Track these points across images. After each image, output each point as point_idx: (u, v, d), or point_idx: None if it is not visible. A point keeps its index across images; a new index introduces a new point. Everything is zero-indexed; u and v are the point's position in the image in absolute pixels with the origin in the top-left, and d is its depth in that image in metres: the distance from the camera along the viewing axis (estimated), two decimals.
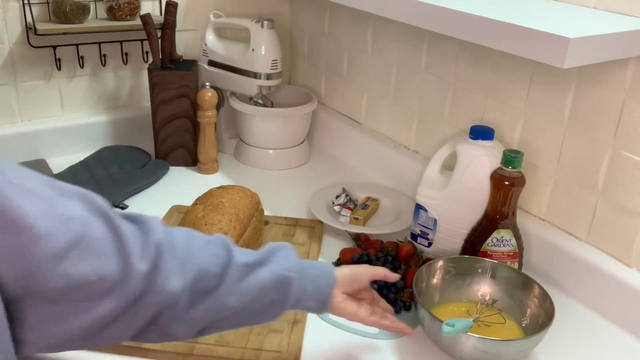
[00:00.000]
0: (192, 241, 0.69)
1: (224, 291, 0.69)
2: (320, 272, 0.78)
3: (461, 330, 0.81)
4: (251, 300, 0.71)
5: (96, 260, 0.59)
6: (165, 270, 0.64)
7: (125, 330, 0.64)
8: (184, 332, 0.68)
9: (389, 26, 1.34)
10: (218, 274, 0.69)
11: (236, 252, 0.71)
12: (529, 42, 0.77)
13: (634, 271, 0.96)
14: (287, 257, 0.75)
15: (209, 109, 1.37)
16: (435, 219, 1.10)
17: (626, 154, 0.94)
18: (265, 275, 0.72)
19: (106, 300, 0.60)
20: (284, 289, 0.73)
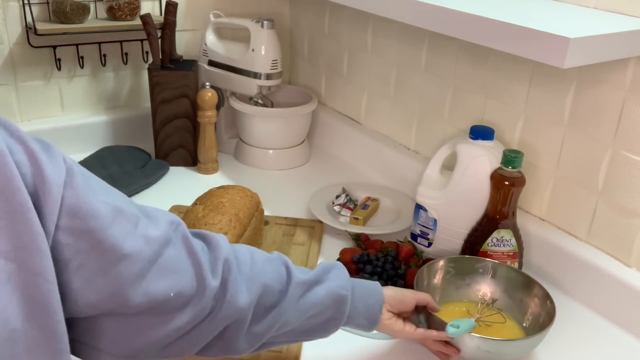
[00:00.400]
0: (255, 258, 0.71)
1: (285, 307, 0.72)
2: (369, 290, 0.81)
3: (466, 331, 0.81)
4: (309, 317, 0.75)
5: (174, 277, 0.61)
6: (233, 285, 0.66)
7: (196, 342, 0.66)
8: (246, 346, 0.71)
9: (389, 26, 1.34)
10: (280, 290, 0.71)
11: (295, 270, 0.74)
12: (529, 42, 0.77)
13: (634, 271, 0.96)
14: (340, 275, 0.78)
15: (209, 109, 1.37)
16: (435, 219, 1.10)
17: (626, 154, 0.94)
18: (322, 293, 0.75)
19: (182, 314, 0.62)
20: (339, 307, 0.77)
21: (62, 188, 0.53)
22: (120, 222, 0.57)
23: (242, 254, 0.70)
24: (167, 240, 0.62)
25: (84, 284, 0.55)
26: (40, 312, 0.50)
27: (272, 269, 0.72)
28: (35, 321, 0.50)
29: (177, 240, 0.63)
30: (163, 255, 0.61)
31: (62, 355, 0.53)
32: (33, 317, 0.50)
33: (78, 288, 0.55)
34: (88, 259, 0.55)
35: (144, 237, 0.59)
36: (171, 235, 0.63)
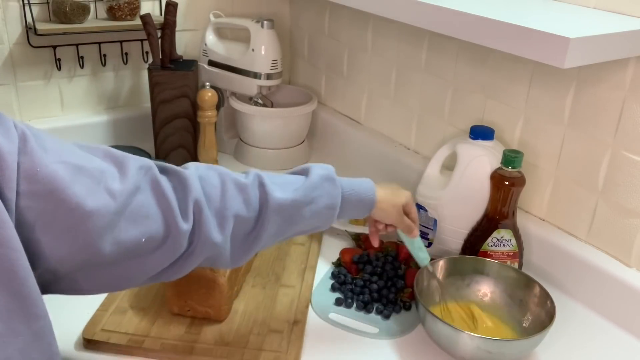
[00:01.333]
0: (226, 188, 0.72)
1: (266, 231, 0.74)
2: (361, 195, 0.84)
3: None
4: (292, 231, 0.78)
5: (144, 223, 0.63)
6: (205, 225, 0.68)
7: (178, 272, 0.70)
8: (235, 264, 0.75)
9: (389, 26, 1.34)
10: (255, 218, 0.73)
11: (272, 192, 0.74)
12: (529, 42, 0.77)
13: (634, 271, 0.96)
14: (329, 191, 0.79)
15: (209, 109, 1.37)
16: (435, 219, 1.10)
17: (626, 154, 0.94)
18: (306, 214, 0.77)
19: (157, 255, 0.66)
20: (326, 220, 0.80)
21: (17, 155, 0.54)
22: (80, 179, 0.58)
23: (213, 187, 0.71)
24: (135, 188, 0.63)
25: (54, 240, 0.57)
26: (10, 280, 0.52)
27: (243, 197, 0.72)
28: (6, 289, 0.51)
29: (146, 186, 0.65)
30: (131, 204, 0.62)
31: (40, 319, 0.55)
32: (3, 285, 0.51)
33: (48, 245, 0.57)
34: (54, 219, 0.56)
35: (108, 191, 0.60)
36: (140, 182, 0.64)
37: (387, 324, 0.95)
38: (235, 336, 0.89)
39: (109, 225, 0.60)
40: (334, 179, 0.81)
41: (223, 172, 0.74)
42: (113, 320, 0.90)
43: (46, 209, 0.55)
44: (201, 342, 0.87)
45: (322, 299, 0.99)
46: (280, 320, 0.92)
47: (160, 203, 0.65)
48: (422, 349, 0.89)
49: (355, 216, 0.86)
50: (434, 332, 0.87)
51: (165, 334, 0.88)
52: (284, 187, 0.76)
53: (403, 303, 0.98)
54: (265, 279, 1.03)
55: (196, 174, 0.71)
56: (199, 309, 0.91)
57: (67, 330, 0.89)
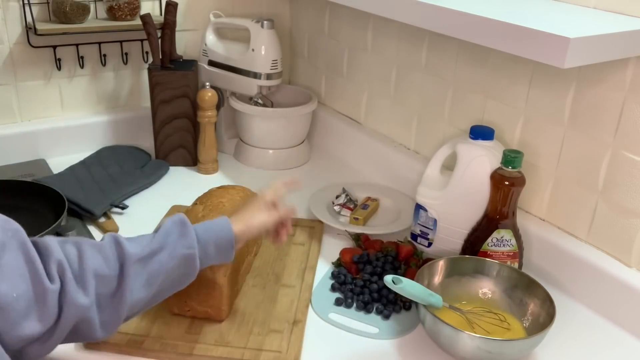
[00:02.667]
0: (83, 250, 0.72)
1: (130, 288, 0.73)
2: (217, 233, 0.81)
3: (406, 291, 0.84)
4: (159, 284, 0.76)
5: (13, 280, 0.63)
6: (69, 285, 0.68)
7: (49, 346, 0.69)
8: (106, 333, 0.73)
9: (389, 26, 1.34)
10: (116, 275, 0.73)
11: (129, 248, 0.74)
12: (529, 42, 0.77)
13: (634, 271, 0.96)
14: (184, 233, 0.78)
15: (209, 109, 1.37)
16: (435, 219, 1.10)
17: (626, 153, 0.94)
18: (166, 260, 0.76)
19: (30, 321, 0.64)
20: (189, 265, 0.78)
21: None
22: None
23: (70, 249, 0.71)
24: (2, 244, 0.63)
25: None
26: None
27: (101, 256, 0.72)
28: None
29: (13, 246, 0.65)
30: (1, 259, 0.63)
31: None
32: None
33: None
34: None
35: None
36: (6, 241, 0.64)
37: (387, 324, 0.95)
38: (235, 336, 0.89)
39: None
40: (185, 221, 0.80)
41: (78, 239, 0.75)
42: None
43: None
44: (201, 342, 0.87)
45: (322, 299, 0.99)
46: (280, 320, 0.92)
47: (27, 263, 0.65)
48: (422, 349, 0.89)
49: (223, 258, 0.83)
50: (434, 332, 0.87)
51: (165, 334, 0.88)
52: (138, 241, 0.76)
53: (403, 303, 0.98)
54: (265, 279, 1.03)
55: (54, 240, 0.71)
56: (199, 309, 0.91)
57: None
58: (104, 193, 1.24)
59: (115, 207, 1.22)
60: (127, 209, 1.23)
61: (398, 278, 0.85)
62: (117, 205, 1.22)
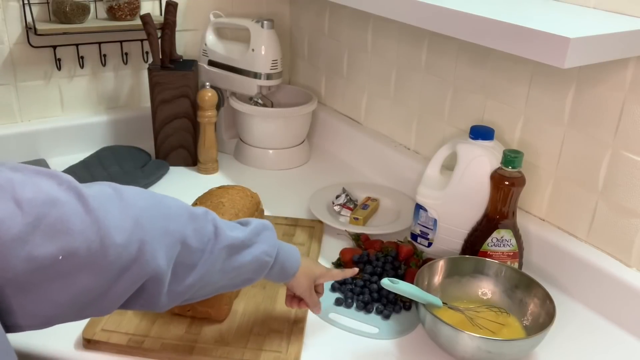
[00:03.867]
0: (178, 213, 0.69)
1: (207, 267, 0.72)
2: (289, 256, 0.83)
3: (403, 290, 0.85)
4: (230, 278, 0.76)
5: (63, 238, 0.58)
6: (149, 244, 0.64)
7: (114, 300, 0.65)
8: (169, 302, 0.71)
9: (389, 26, 1.34)
10: (202, 250, 0.71)
11: (224, 229, 0.73)
12: (529, 42, 0.77)
13: (634, 271, 0.96)
14: (269, 238, 0.79)
15: (209, 109, 1.37)
16: (435, 219, 1.10)
17: (626, 154, 0.94)
18: (248, 258, 0.76)
19: (82, 275, 0.60)
20: (260, 271, 0.79)
21: None
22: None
23: (164, 207, 0.68)
24: (51, 200, 0.58)
25: None
26: None
27: (194, 226, 0.70)
28: None
29: (70, 198, 0.59)
30: (47, 217, 0.57)
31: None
32: None
33: None
34: None
35: (16, 201, 0.56)
36: (59, 195, 0.59)
37: (387, 324, 0.95)
38: (235, 336, 0.89)
39: (20, 238, 0.55)
40: (273, 229, 0.81)
41: (175, 198, 0.72)
42: (113, 320, 0.90)
43: None
44: (201, 342, 0.87)
45: (322, 299, 0.99)
46: (280, 320, 0.92)
47: (89, 216, 0.60)
48: (422, 349, 0.89)
49: (277, 279, 0.84)
50: (434, 332, 0.87)
51: (165, 334, 0.88)
52: (232, 227, 0.76)
53: (403, 303, 0.98)
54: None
55: (142, 195, 0.68)
56: (199, 309, 0.91)
57: (67, 330, 0.88)
58: None
59: None
60: None
61: (394, 280, 0.86)
62: None
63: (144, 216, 0.65)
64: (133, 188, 0.68)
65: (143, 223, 0.64)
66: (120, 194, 0.65)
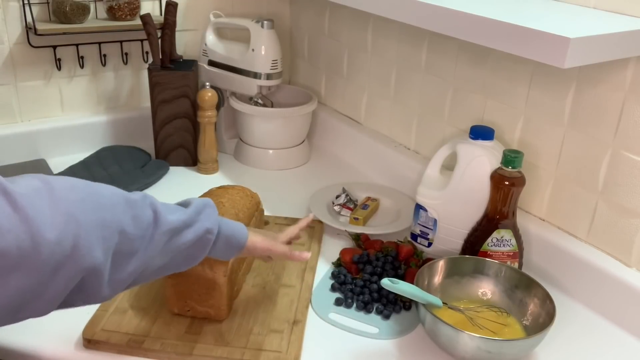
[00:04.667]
0: (114, 202, 0.67)
1: (148, 253, 0.70)
2: (234, 232, 0.83)
3: (403, 290, 0.85)
4: (172, 258, 0.75)
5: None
6: (84, 238, 0.61)
7: (51, 300, 0.63)
8: (111, 292, 0.69)
9: (389, 26, 1.35)
10: (140, 236, 0.69)
11: (164, 213, 0.72)
12: (529, 42, 0.77)
13: (634, 271, 0.96)
14: (210, 216, 0.78)
15: (209, 109, 1.37)
16: (435, 219, 1.10)
17: (626, 154, 0.94)
18: (189, 237, 0.75)
19: (15, 276, 0.57)
20: (202, 249, 0.78)
21: None
22: None
23: (98, 197, 0.65)
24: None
25: None
26: None
27: (132, 214, 0.68)
28: None
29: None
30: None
31: None
32: None
33: None
34: None
35: None
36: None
37: (387, 324, 0.95)
38: (235, 336, 0.89)
39: None
40: (214, 207, 0.80)
41: (111, 187, 0.69)
42: (113, 320, 0.90)
43: None
44: (201, 342, 0.87)
45: (322, 299, 0.99)
46: (280, 320, 0.92)
47: (18, 214, 0.57)
48: (422, 349, 0.89)
49: (224, 255, 0.84)
50: (434, 332, 0.87)
51: (165, 334, 0.88)
52: (172, 210, 0.75)
53: (403, 303, 0.98)
54: (265, 279, 1.03)
55: (73, 187, 0.65)
56: (199, 309, 0.91)
57: (67, 330, 0.89)
58: None
59: None
60: None
61: (394, 280, 0.86)
62: None
63: (78, 209, 0.62)
64: (65, 179, 0.65)
65: (76, 217, 0.61)
66: (50, 187, 0.62)
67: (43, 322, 0.90)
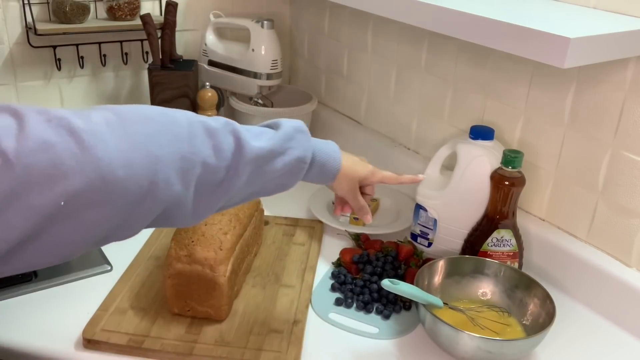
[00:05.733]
0: (193, 132, 0.63)
1: (233, 182, 0.67)
2: (327, 157, 0.79)
3: (403, 291, 0.84)
4: (261, 186, 0.72)
5: (60, 183, 0.53)
6: (161, 173, 0.59)
7: (134, 228, 0.61)
8: (195, 220, 0.68)
9: (389, 26, 1.34)
10: (225, 167, 0.66)
11: (248, 140, 0.68)
12: (529, 42, 0.77)
13: (634, 271, 0.96)
14: (302, 143, 0.74)
15: (209, 109, 1.37)
16: (435, 219, 1.10)
17: (626, 154, 0.94)
18: (279, 166, 0.72)
19: (92, 212, 0.56)
20: (294, 178, 0.75)
21: None
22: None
23: (178, 126, 0.62)
24: (40, 145, 0.52)
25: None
26: None
27: (213, 143, 0.64)
28: None
29: (61, 137, 0.53)
30: (38, 165, 0.52)
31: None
32: None
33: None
34: None
35: (1, 153, 0.50)
36: (48, 136, 0.53)
37: (387, 324, 0.95)
38: (235, 336, 0.89)
39: (12, 195, 0.50)
40: (307, 132, 0.76)
41: (189, 113, 0.65)
42: (113, 320, 0.90)
43: None
44: (201, 342, 0.87)
45: (322, 299, 0.99)
46: (280, 320, 0.92)
47: (83, 153, 0.54)
48: (422, 349, 0.89)
49: (317, 181, 0.80)
50: (434, 332, 0.87)
51: (165, 334, 0.88)
52: (258, 135, 0.70)
53: (403, 303, 0.98)
54: (265, 279, 1.03)
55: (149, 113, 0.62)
56: (199, 309, 0.91)
57: (67, 330, 0.89)
58: None
59: None
60: None
61: (395, 280, 0.86)
62: None
63: (153, 143, 0.59)
64: (138, 109, 0.63)
65: (152, 151, 0.59)
66: (122, 121, 0.59)
67: (43, 322, 0.91)
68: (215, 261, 0.88)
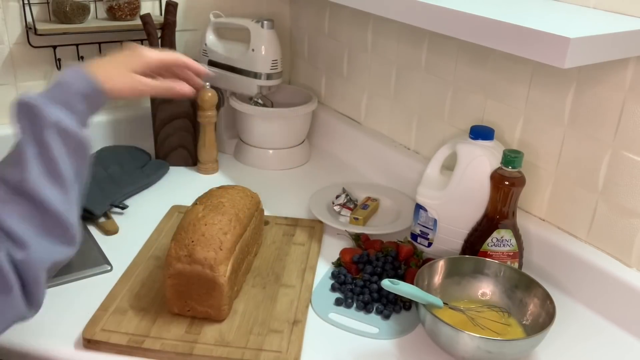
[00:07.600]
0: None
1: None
2: (79, 90, 0.77)
3: (403, 291, 0.84)
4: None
5: None
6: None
7: None
8: None
9: (389, 26, 1.34)
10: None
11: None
12: (529, 42, 0.77)
13: (634, 271, 0.96)
14: (34, 121, 0.73)
15: (209, 109, 1.37)
16: (435, 219, 1.10)
17: (626, 154, 0.94)
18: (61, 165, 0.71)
19: None
20: (81, 158, 0.74)
21: None
22: None
23: None
24: None
25: None
26: None
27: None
28: None
29: None
30: None
31: None
32: None
33: None
34: None
35: None
36: None
37: (387, 324, 0.95)
38: (235, 336, 0.89)
39: None
40: (34, 115, 0.73)
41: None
42: (113, 320, 0.90)
43: None
44: (201, 342, 0.87)
45: (322, 299, 0.99)
46: (280, 320, 0.92)
47: None
48: (422, 349, 0.89)
49: (94, 109, 0.77)
50: (434, 332, 0.87)
51: (165, 334, 0.88)
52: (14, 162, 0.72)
53: (403, 303, 0.98)
54: (265, 279, 1.03)
55: None
56: (199, 309, 0.91)
57: (67, 330, 0.89)
58: (104, 193, 1.24)
59: (116, 207, 1.22)
60: (127, 209, 1.23)
61: (395, 280, 0.86)
62: (117, 205, 1.22)
63: None
64: None
65: None
66: None
67: (43, 322, 0.90)
68: (215, 261, 0.88)
